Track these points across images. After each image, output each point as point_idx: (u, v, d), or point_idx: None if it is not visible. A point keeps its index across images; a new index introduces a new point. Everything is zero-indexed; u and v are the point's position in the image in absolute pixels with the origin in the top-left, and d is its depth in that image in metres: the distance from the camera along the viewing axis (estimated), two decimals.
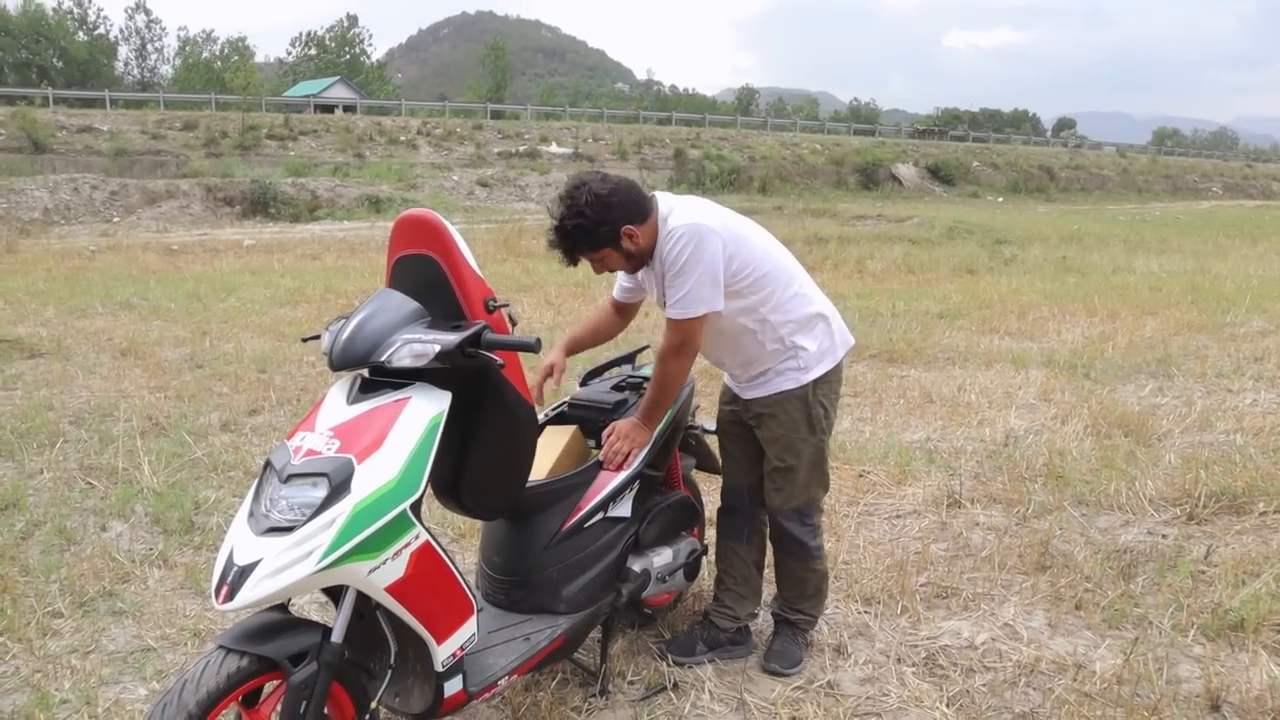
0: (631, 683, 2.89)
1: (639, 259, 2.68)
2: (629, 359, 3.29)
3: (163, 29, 78.97)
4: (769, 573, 3.12)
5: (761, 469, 2.96)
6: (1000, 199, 37.21)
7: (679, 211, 2.65)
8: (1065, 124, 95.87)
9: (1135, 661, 2.92)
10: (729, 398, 3.03)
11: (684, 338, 2.67)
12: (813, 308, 2.83)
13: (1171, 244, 17.81)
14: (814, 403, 2.81)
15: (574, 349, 3.05)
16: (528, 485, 2.50)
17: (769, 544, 3.04)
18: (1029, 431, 5.41)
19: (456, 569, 2.17)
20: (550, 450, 2.77)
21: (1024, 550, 3.82)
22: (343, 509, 1.91)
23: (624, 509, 2.75)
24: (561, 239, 2.61)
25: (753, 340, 2.78)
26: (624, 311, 3.08)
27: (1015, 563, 3.73)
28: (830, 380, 2.85)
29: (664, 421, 2.87)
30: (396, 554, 2.00)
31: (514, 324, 2.33)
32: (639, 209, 2.61)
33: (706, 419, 3.49)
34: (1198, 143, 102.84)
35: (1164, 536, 3.98)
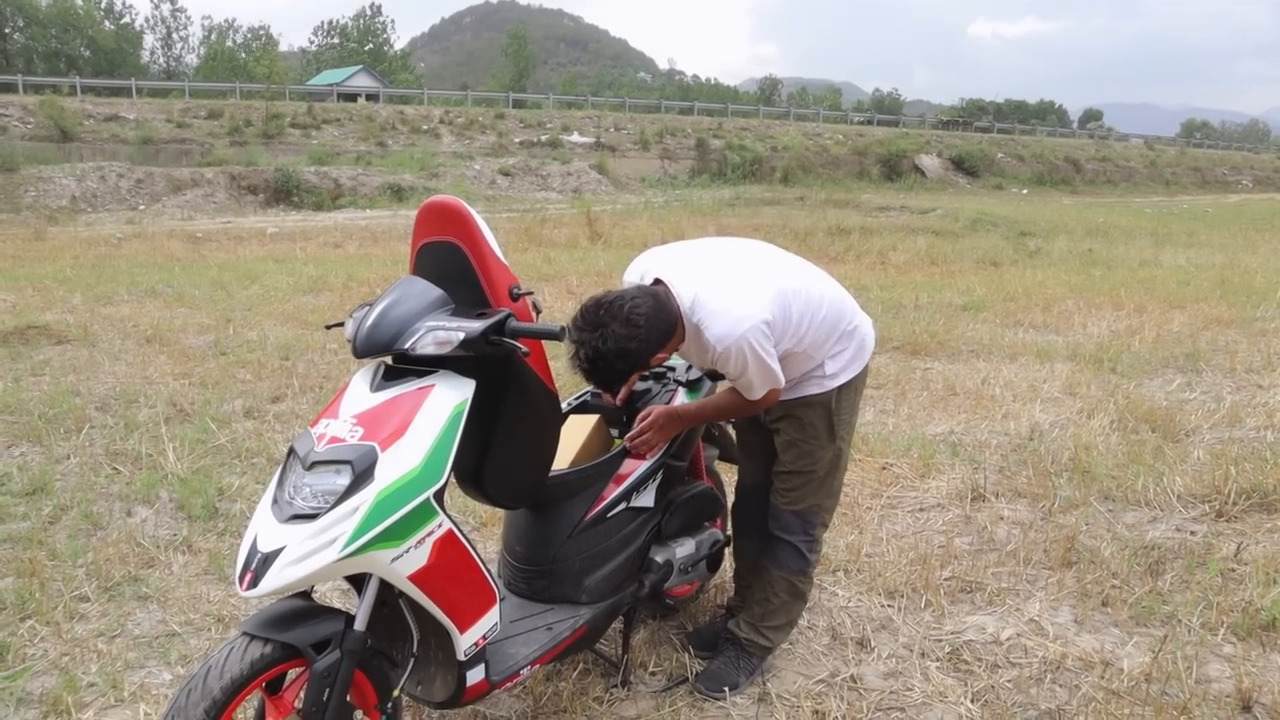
0: (653, 674, 2.89)
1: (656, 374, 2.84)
2: None
3: (188, 18, 79.57)
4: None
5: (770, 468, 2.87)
6: (1025, 191, 36.87)
7: (711, 324, 2.41)
8: (1092, 115, 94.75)
9: (1164, 660, 2.88)
10: None
11: (762, 402, 2.58)
12: (843, 323, 2.70)
13: (1200, 237, 17.57)
14: (836, 409, 2.72)
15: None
16: (551, 474, 2.49)
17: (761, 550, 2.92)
18: (1054, 425, 5.35)
19: (479, 558, 2.17)
20: (573, 440, 2.76)
21: (1049, 545, 3.77)
22: (366, 497, 1.90)
23: (647, 499, 2.74)
24: (596, 383, 2.49)
25: (800, 362, 2.66)
26: None
27: (1041, 558, 3.69)
28: (855, 386, 2.77)
29: None
30: (419, 542, 1.99)
31: (538, 312, 2.31)
32: (665, 337, 2.41)
33: None
34: (1227, 135, 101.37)
35: (1193, 533, 3.92)
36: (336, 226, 17.30)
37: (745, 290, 2.48)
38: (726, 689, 2.76)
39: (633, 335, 2.33)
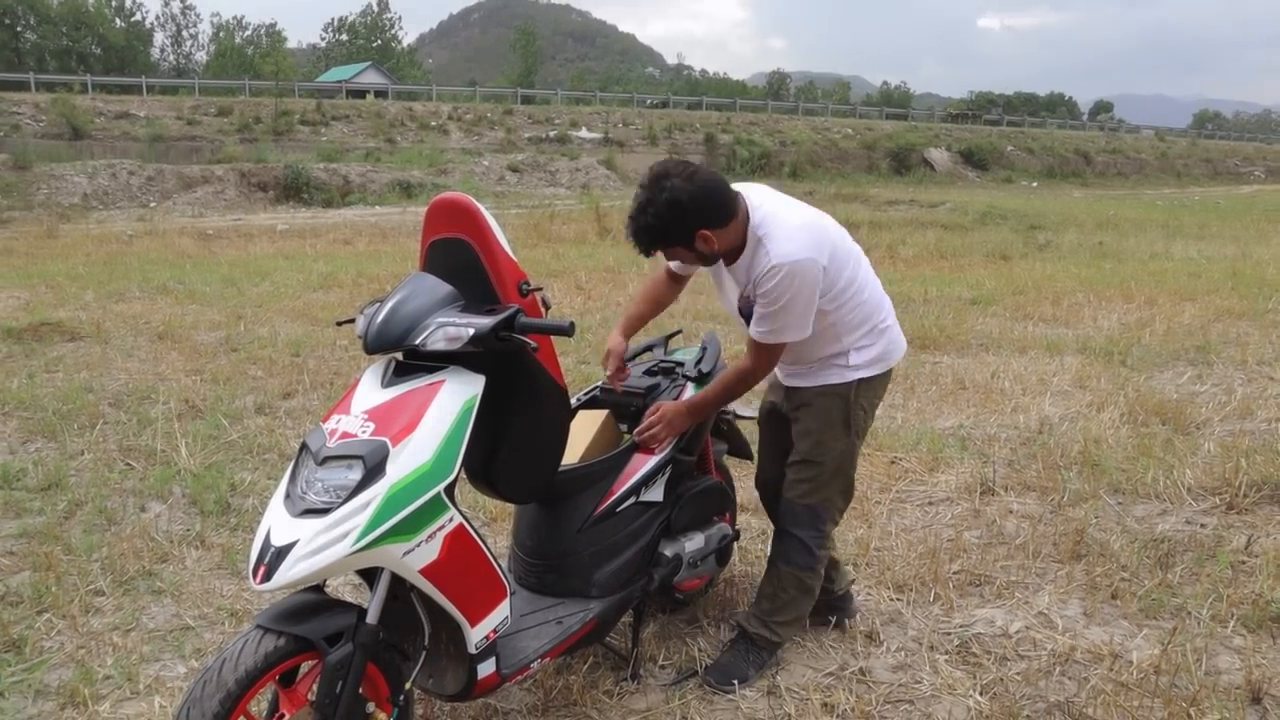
0: (663, 667, 2.90)
1: (711, 260, 2.59)
2: (661, 343, 3.28)
3: (197, 15, 79.66)
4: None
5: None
6: (1034, 184, 36.70)
7: (778, 237, 2.48)
8: (1102, 107, 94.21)
9: (1173, 652, 2.88)
10: (773, 386, 2.98)
11: (766, 361, 2.63)
12: (877, 317, 2.74)
13: (1211, 229, 17.47)
14: (855, 404, 2.73)
15: (632, 329, 2.95)
16: (560, 469, 2.50)
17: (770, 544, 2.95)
18: (1064, 419, 5.35)
19: (490, 552, 2.18)
20: (583, 434, 2.77)
21: (1059, 538, 3.77)
22: (378, 491, 1.92)
23: (656, 494, 2.75)
24: (634, 232, 2.49)
25: (812, 339, 2.67)
26: (680, 280, 2.98)
27: (1050, 551, 3.69)
28: (875, 386, 2.78)
29: None
30: (431, 536, 2.01)
31: (548, 308, 2.33)
32: (720, 213, 2.47)
33: (739, 404, 3.48)
34: (1240, 126, 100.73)
35: (1203, 526, 3.92)
36: (346, 223, 17.35)
37: (812, 231, 2.55)
38: (736, 682, 2.77)
39: (688, 191, 2.39)
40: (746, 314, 2.65)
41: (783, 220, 2.52)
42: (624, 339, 2.91)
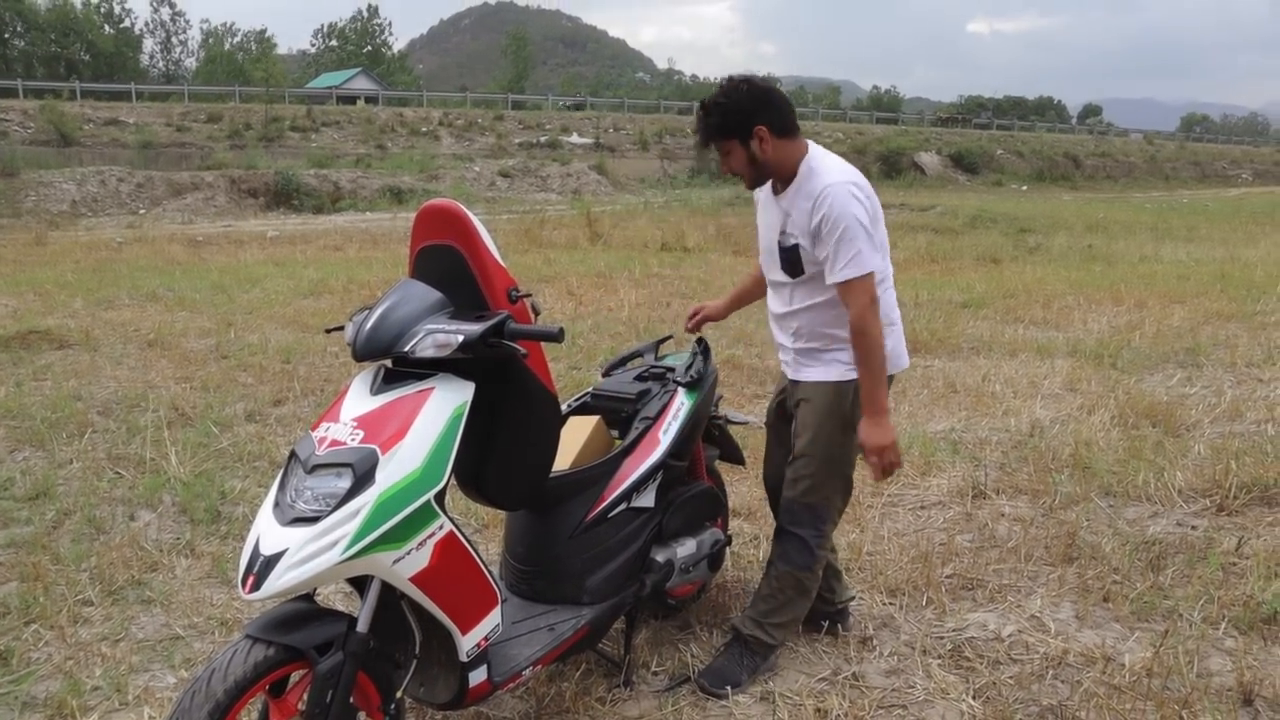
0: (656, 673, 2.89)
1: (760, 171, 2.67)
2: (651, 349, 3.28)
3: (186, 22, 79.42)
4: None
5: None
6: (1024, 187, 36.84)
7: (831, 169, 2.63)
8: (1091, 110, 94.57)
9: (1165, 654, 2.88)
10: (780, 385, 2.99)
11: (869, 294, 2.57)
12: (894, 314, 2.80)
13: (1200, 232, 17.55)
14: (856, 402, 2.69)
15: (729, 306, 3.20)
16: (551, 476, 2.49)
17: (772, 544, 2.94)
18: (1055, 422, 5.36)
19: (480, 559, 2.18)
20: (574, 441, 2.76)
21: (1050, 541, 3.78)
22: (367, 499, 1.92)
23: (648, 499, 2.74)
24: (701, 116, 2.65)
25: (836, 314, 2.68)
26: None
27: (1042, 554, 3.70)
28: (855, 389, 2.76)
29: (690, 409, 2.86)
30: (421, 544, 2.00)
31: (537, 314, 2.32)
32: (780, 118, 2.61)
33: (730, 410, 3.48)
34: (1227, 129, 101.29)
35: (1193, 528, 3.93)
36: (336, 229, 17.31)
37: (863, 179, 2.69)
38: (729, 687, 2.76)
39: (760, 88, 2.62)
40: (783, 254, 2.71)
41: (836, 161, 2.69)
42: (724, 308, 3.18)
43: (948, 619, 3.22)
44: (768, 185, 2.79)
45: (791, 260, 2.71)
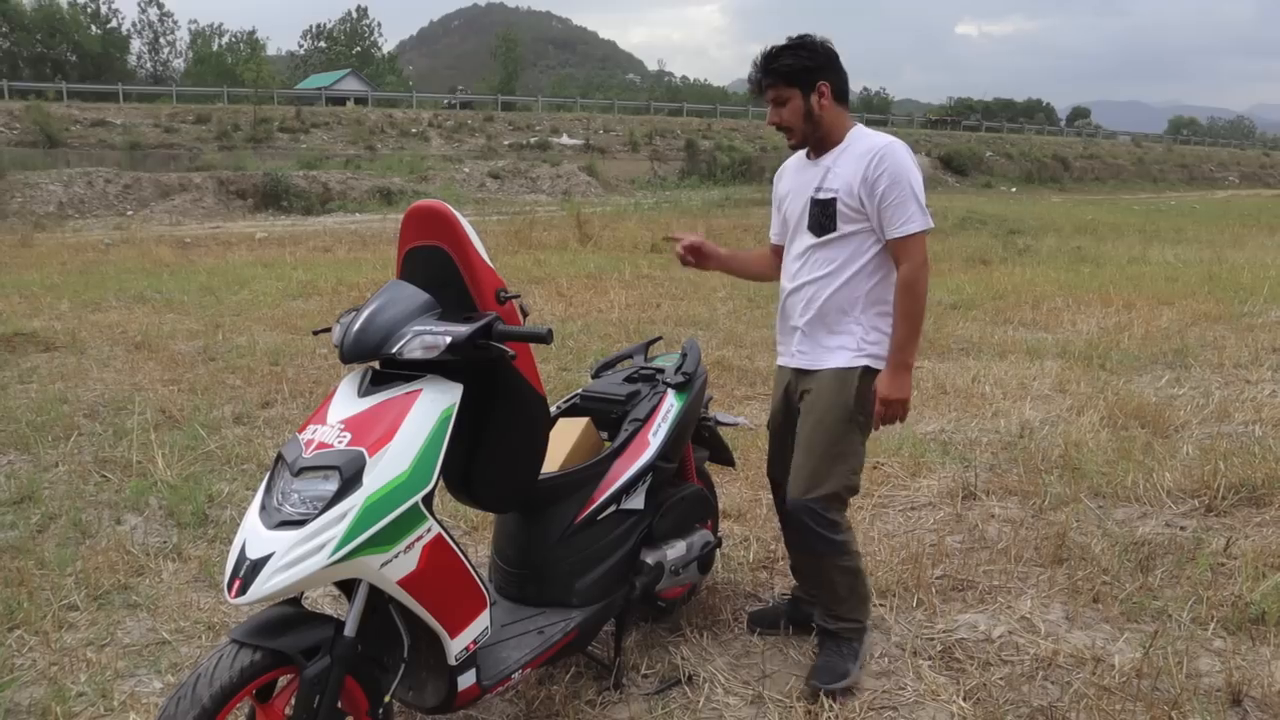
0: (646, 676, 2.88)
1: (811, 128, 2.68)
2: (641, 350, 3.27)
3: (175, 23, 79.15)
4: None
5: None
6: (1013, 189, 36.99)
7: (878, 134, 2.71)
8: (1080, 113, 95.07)
9: (1154, 655, 2.88)
10: (782, 383, 2.95)
11: (924, 252, 2.64)
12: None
13: (1187, 233, 17.66)
14: (860, 392, 2.69)
15: (721, 262, 3.11)
16: (540, 477, 2.48)
17: (785, 541, 2.96)
18: (1044, 423, 5.37)
19: (469, 562, 2.16)
20: (563, 442, 2.75)
21: (1040, 542, 3.78)
22: (354, 502, 1.90)
23: (637, 501, 2.73)
24: (766, 59, 2.66)
25: (857, 288, 2.69)
26: (773, 258, 3.05)
27: (1031, 555, 3.70)
28: (865, 377, 2.73)
29: (679, 411, 2.85)
30: (409, 547, 1.99)
31: (526, 315, 2.31)
32: (843, 86, 2.68)
33: (720, 411, 3.48)
34: (1214, 131, 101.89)
35: (1182, 529, 3.94)
36: (326, 231, 17.26)
37: None
38: (841, 680, 2.74)
39: (829, 52, 2.66)
40: (815, 208, 2.70)
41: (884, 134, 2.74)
42: (717, 251, 3.06)
43: (938, 620, 3.22)
44: (798, 154, 2.83)
45: (824, 215, 2.70)
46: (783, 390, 2.96)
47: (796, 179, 2.83)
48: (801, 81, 2.63)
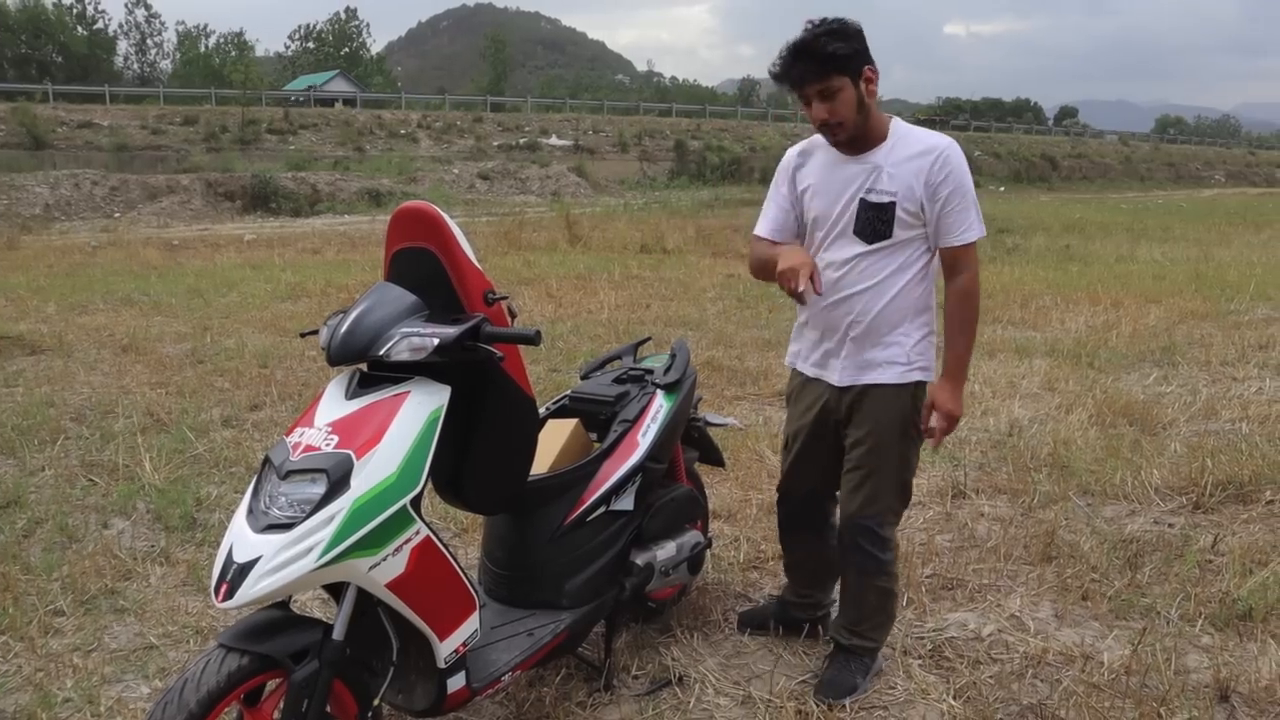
0: (636, 677, 2.88)
1: (862, 122, 2.45)
2: (630, 351, 3.27)
3: (162, 24, 78.57)
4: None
5: (834, 477, 2.79)
6: (1002, 188, 37.12)
7: (926, 131, 2.56)
8: (1067, 112, 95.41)
9: (1143, 652, 2.90)
10: (813, 397, 2.75)
11: (977, 260, 2.54)
12: (933, 320, 2.68)
13: (1174, 232, 17.75)
14: (913, 407, 2.63)
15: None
16: (529, 479, 2.48)
17: (839, 556, 2.83)
18: (1033, 421, 5.39)
19: (458, 565, 2.16)
20: (552, 444, 2.75)
21: (1029, 541, 3.79)
22: (342, 505, 1.89)
23: (627, 502, 2.73)
24: (808, 47, 2.36)
25: (907, 298, 2.57)
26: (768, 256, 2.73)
27: (1021, 553, 3.71)
28: (918, 390, 2.67)
29: (669, 412, 2.85)
30: (397, 550, 1.98)
31: (514, 317, 2.30)
32: (870, 67, 2.44)
33: (710, 412, 3.47)
34: (1200, 130, 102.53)
35: (1170, 526, 3.96)
36: (314, 232, 17.20)
37: None
38: (848, 696, 2.70)
39: (858, 29, 2.41)
40: (870, 212, 2.50)
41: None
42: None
43: (928, 619, 3.22)
44: (820, 145, 2.62)
45: (880, 220, 2.50)
46: (817, 407, 2.74)
47: (829, 176, 2.58)
48: (850, 67, 2.38)
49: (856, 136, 2.50)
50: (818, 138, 2.63)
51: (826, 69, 2.37)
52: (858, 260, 2.55)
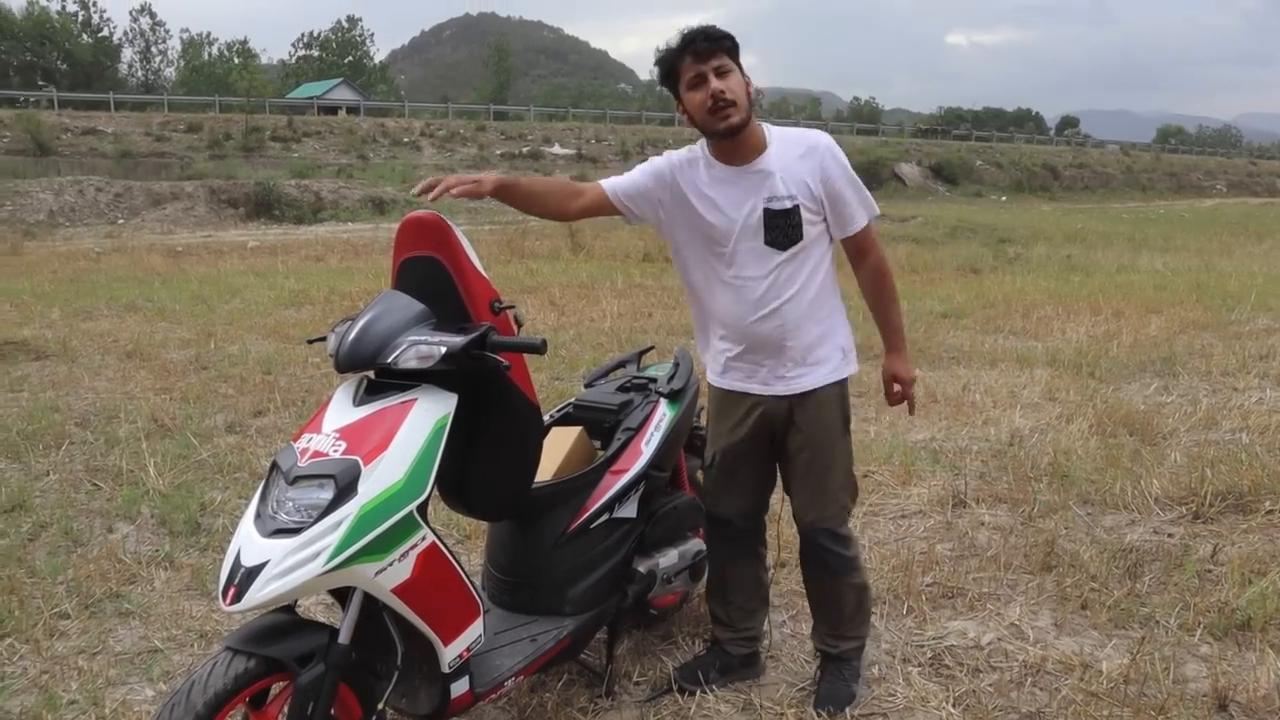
0: (638, 683, 2.89)
1: (747, 113, 2.46)
2: (633, 359, 3.29)
3: (166, 31, 78.90)
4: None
5: (768, 489, 2.83)
6: (1004, 198, 37.18)
7: (792, 128, 2.69)
8: (1069, 122, 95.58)
9: (1142, 661, 2.91)
10: (744, 411, 2.67)
11: (879, 238, 2.69)
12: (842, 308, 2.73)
13: (1176, 242, 17.78)
14: (847, 398, 2.69)
15: (510, 187, 2.56)
16: (534, 486, 2.50)
17: (801, 565, 2.86)
18: (1034, 431, 5.40)
19: (463, 570, 2.18)
20: (556, 451, 2.77)
21: (1029, 550, 3.81)
22: (349, 510, 1.91)
23: (630, 510, 2.75)
24: (698, 29, 2.47)
25: (825, 293, 2.60)
26: (588, 203, 2.73)
27: (1021, 562, 3.72)
28: (848, 381, 2.73)
29: (672, 420, 2.87)
30: (403, 555, 2.00)
31: (520, 326, 2.33)
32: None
33: None
34: (1202, 140, 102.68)
35: (1170, 535, 3.97)
36: (318, 239, 17.25)
37: None
38: (848, 707, 2.71)
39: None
40: (776, 219, 2.49)
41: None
42: (494, 181, 2.45)
43: (928, 627, 3.23)
44: (701, 171, 2.58)
45: (789, 225, 2.50)
46: (751, 420, 2.67)
47: (720, 190, 2.54)
48: (739, 62, 2.49)
49: (741, 141, 2.50)
50: (696, 150, 2.63)
51: (725, 45, 2.47)
52: (778, 270, 2.54)
